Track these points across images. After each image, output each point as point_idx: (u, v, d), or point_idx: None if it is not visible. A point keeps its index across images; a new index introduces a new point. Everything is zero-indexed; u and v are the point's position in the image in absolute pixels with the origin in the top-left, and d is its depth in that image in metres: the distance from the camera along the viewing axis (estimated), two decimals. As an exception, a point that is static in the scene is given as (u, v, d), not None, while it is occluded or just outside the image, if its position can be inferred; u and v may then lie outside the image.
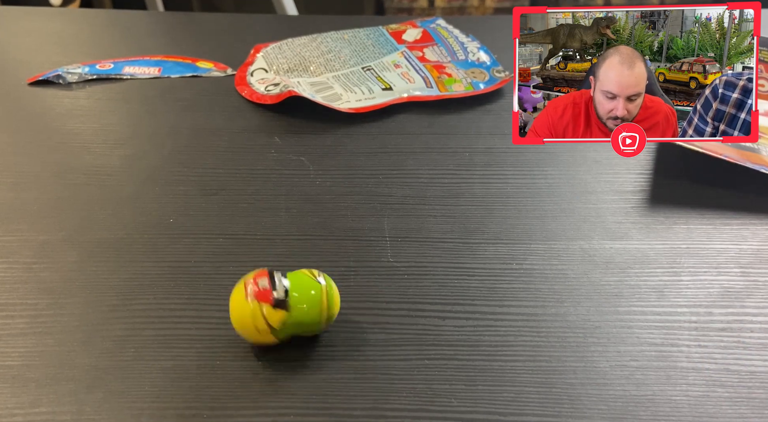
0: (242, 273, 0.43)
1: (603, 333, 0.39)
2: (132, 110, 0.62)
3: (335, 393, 0.36)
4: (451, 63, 0.66)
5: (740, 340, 0.38)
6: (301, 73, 0.64)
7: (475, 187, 0.51)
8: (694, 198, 0.49)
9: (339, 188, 0.51)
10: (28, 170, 0.53)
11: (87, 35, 0.78)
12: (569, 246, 0.45)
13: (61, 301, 0.41)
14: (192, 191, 0.51)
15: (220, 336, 0.39)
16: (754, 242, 0.45)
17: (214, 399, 0.35)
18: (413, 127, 0.58)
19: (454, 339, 0.38)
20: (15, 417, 0.35)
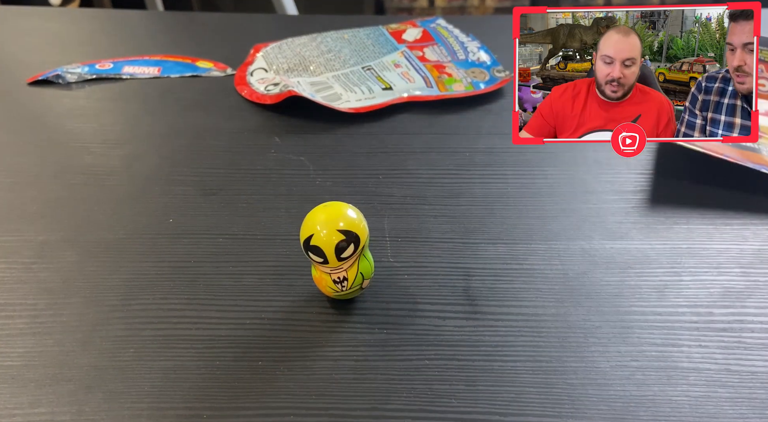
0: (242, 273, 0.43)
1: (603, 333, 0.39)
2: (132, 110, 0.62)
3: (335, 393, 0.36)
4: (452, 63, 0.66)
5: (741, 340, 0.38)
6: (301, 72, 0.64)
7: (475, 187, 0.50)
8: (694, 198, 0.49)
9: (339, 188, 0.51)
10: (28, 170, 0.53)
11: (86, 35, 0.78)
12: (569, 246, 0.45)
13: (61, 301, 0.41)
14: (192, 191, 0.51)
15: (220, 336, 0.39)
16: (755, 242, 0.45)
17: (214, 399, 0.35)
18: (413, 127, 0.58)
19: (454, 339, 0.38)
20: (15, 418, 0.35)
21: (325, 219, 0.38)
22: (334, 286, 0.39)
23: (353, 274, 0.38)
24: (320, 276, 0.39)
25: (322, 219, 0.38)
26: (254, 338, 0.39)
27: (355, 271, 0.38)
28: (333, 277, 0.38)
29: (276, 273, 0.43)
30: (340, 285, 0.39)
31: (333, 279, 0.38)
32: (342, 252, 0.37)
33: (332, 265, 0.38)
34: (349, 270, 0.38)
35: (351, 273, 0.38)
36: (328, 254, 0.37)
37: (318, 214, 0.38)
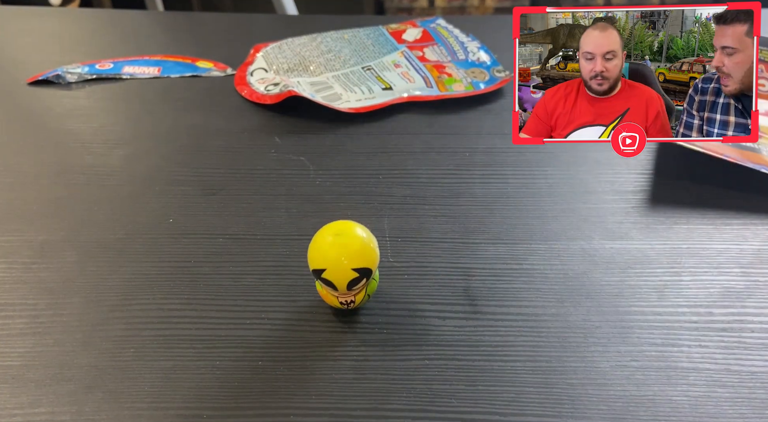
0: (242, 273, 0.43)
1: (603, 333, 0.39)
2: (132, 110, 0.62)
3: (335, 393, 0.36)
4: (452, 63, 0.66)
5: (741, 340, 0.38)
6: (301, 72, 0.64)
7: (475, 187, 0.50)
8: (694, 198, 0.49)
9: (339, 188, 0.51)
10: (28, 170, 0.53)
11: (87, 35, 0.78)
12: (569, 246, 0.45)
13: (61, 301, 0.41)
14: (192, 191, 0.51)
15: (220, 336, 0.39)
16: (754, 242, 0.45)
17: (214, 399, 0.35)
18: (413, 127, 0.58)
19: (454, 339, 0.38)
20: (15, 418, 0.35)
21: (337, 256, 0.36)
22: (340, 306, 0.39)
23: (360, 297, 0.39)
24: (326, 294, 0.39)
25: (334, 256, 0.36)
26: (254, 338, 0.39)
27: (362, 295, 0.39)
28: (340, 300, 0.39)
29: (276, 273, 0.43)
30: (346, 306, 0.39)
31: (340, 302, 0.39)
32: (354, 285, 0.37)
33: (341, 292, 0.38)
34: (358, 294, 0.38)
35: (359, 297, 0.39)
36: (339, 287, 0.37)
37: (330, 249, 0.37)
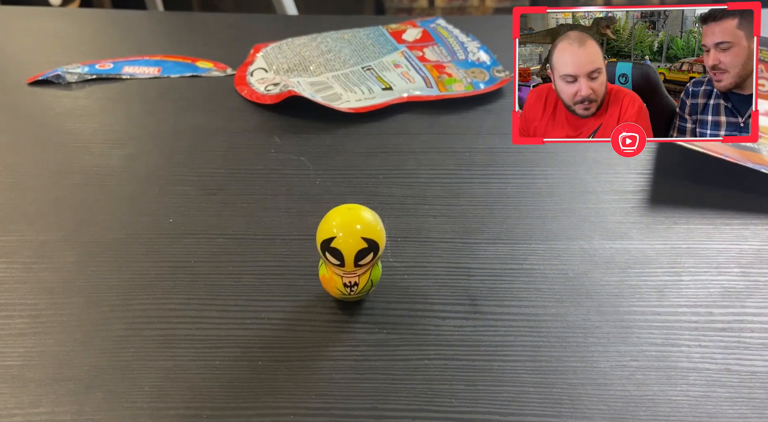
0: (242, 273, 0.43)
1: (603, 333, 0.39)
2: (132, 110, 0.62)
3: (335, 393, 0.36)
4: (451, 63, 0.66)
5: (741, 340, 0.38)
6: (301, 72, 0.64)
7: (475, 187, 0.50)
8: (694, 198, 0.49)
9: (339, 188, 0.51)
10: (28, 170, 0.53)
11: (87, 35, 0.78)
12: (569, 246, 0.45)
13: (61, 301, 0.41)
14: (192, 191, 0.51)
15: (220, 336, 0.39)
16: (754, 242, 0.45)
17: (214, 399, 0.35)
18: (413, 127, 0.58)
19: (454, 339, 0.38)
20: (15, 417, 0.35)
21: (349, 223, 0.37)
22: (342, 289, 0.39)
23: (364, 280, 0.39)
24: (330, 276, 0.39)
25: (346, 223, 0.37)
26: (254, 338, 0.39)
27: (366, 278, 0.39)
28: (344, 281, 0.38)
29: (276, 273, 0.43)
30: (349, 289, 0.39)
31: (344, 283, 0.38)
32: (361, 259, 0.37)
33: (347, 269, 0.38)
34: (362, 276, 0.38)
35: (362, 280, 0.38)
36: (347, 258, 0.37)
37: (342, 217, 0.37)
